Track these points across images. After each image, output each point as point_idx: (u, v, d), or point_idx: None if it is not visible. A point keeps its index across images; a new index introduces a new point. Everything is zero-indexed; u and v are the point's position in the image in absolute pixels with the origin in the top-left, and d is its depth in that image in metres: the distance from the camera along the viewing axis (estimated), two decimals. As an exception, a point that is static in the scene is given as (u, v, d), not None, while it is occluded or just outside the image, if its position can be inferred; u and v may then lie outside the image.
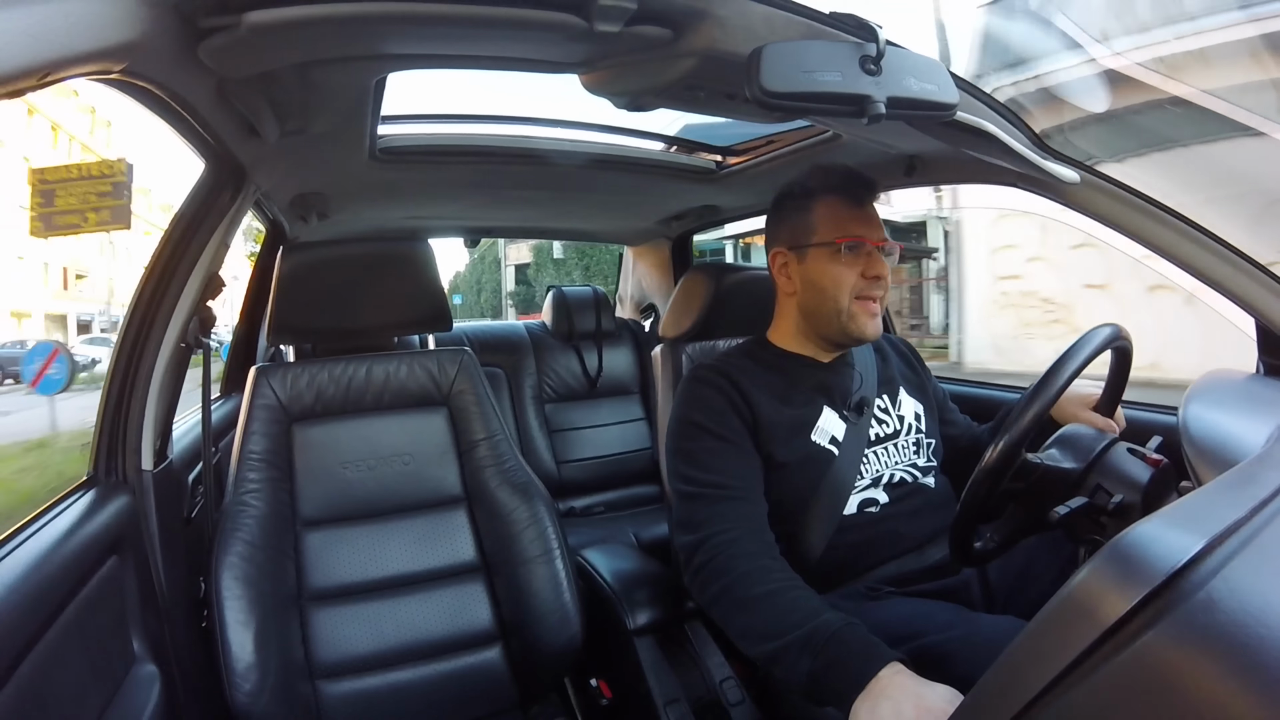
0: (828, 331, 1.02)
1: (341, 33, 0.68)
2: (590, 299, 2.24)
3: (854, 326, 0.99)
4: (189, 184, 0.96)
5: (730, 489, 0.92)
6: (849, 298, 0.98)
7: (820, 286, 0.99)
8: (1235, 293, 0.90)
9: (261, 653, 0.91)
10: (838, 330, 1.00)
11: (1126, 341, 0.82)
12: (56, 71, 0.45)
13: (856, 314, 0.98)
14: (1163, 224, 0.91)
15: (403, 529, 1.12)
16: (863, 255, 0.98)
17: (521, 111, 6.16)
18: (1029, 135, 0.89)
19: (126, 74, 0.59)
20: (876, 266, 0.98)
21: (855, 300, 0.98)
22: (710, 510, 0.91)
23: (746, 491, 0.93)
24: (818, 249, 0.99)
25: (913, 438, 1.05)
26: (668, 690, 0.99)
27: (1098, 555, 0.44)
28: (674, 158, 1.54)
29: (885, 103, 0.65)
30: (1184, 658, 0.36)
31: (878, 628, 0.85)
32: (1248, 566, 0.40)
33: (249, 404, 1.08)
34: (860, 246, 0.97)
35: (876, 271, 0.97)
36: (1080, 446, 0.76)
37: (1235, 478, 0.56)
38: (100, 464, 0.93)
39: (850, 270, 0.98)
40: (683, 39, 0.68)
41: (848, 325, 0.99)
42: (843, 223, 0.98)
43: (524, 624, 1.07)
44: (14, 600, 0.63)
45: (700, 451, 0.96)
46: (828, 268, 0.98)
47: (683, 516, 0.94)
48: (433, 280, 1.22)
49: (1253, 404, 0.86)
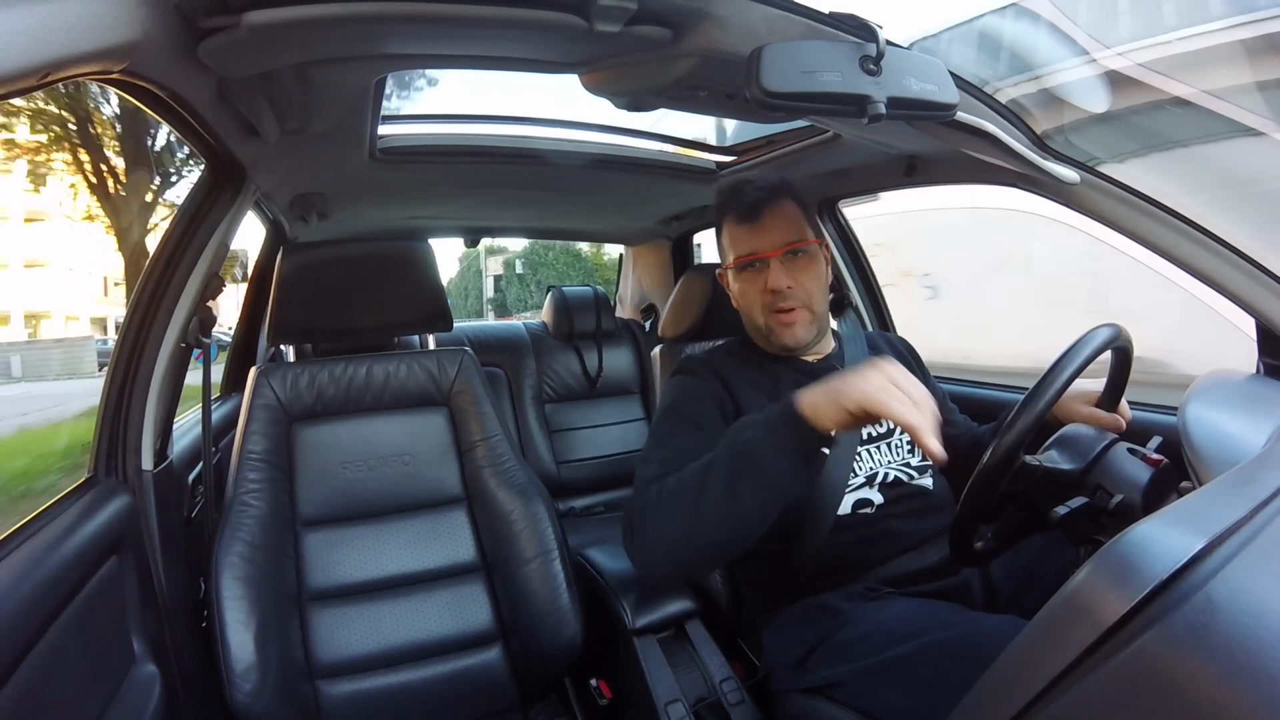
0: (762, 344, 1.05)
1: (341, 33, 0.68)
2: (590, 299, 2.24)
3: (775, 339, 1.01)
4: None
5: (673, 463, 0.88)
6: (762, 314, 1.00)
7: (741, 306, 1.04)
8: (1235, 293, 0.90)
9: (261, 653, 0.91)
10: (765, 342, 1.04)
11: (1126, 341, 0.82)
12: (56, 71, 0.45)
13: (774, 327, 1.00)
14: (1163, 224, 0.91)
15: (403, 529, 1.12)
16: (762, 270, 0.99)
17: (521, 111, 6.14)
18: (1029, 135, 0.89)
19: (126, 74, 0.59)
20: (774, 279, 0.98)
21: (770, 314, 1.00)
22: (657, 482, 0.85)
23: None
24: (733, 270, 1.03)
25: (907, 436, 1.05)
26: (668, 690, 0.99)
27: (1098, 555, 0.44)
28: (674, 158, 1.54)
29: (885, 103, 0.65)
30: (1184, 658, 0.36)
31: (878, 627, 0.86)
32: (1248, 567, 0.40)
33: (249, 404, 1.08)
34: (751, 265, 0.99)
35: (773, 285, 0.98)
36: (1080, 447, 0.76)
37: (1235, 478, 0.56)
38: (100, 464, 0.93)
39: (753, 287, 1.00)
40: (683, 39, 0.68)
41: (770, 338, 1.02)
42: (737, 242, 1.01)
43: (524, 624, 1.07)
44: (14, 600, 0.63)
45: (668, 435, 0.95)
46: (739, 286, 1.03)
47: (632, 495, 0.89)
48: (433, 280, 1.22)
49: (1253, 404, 0.86)
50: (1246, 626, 0.36)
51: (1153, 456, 0.72)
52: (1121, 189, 0.92)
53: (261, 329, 1.81)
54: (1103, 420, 0.86)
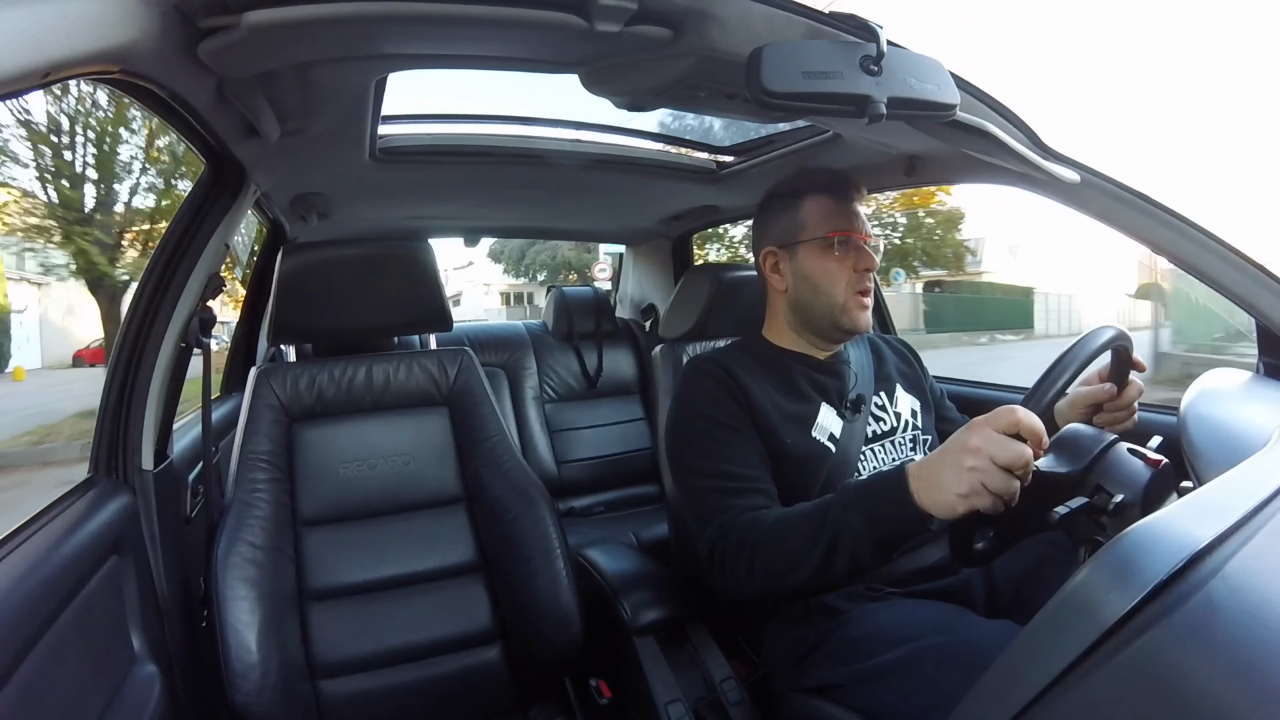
0: (821, 325, 1.03)
1: (341, 33, 0.68)
2: (590, 299, 2.24)
3: (847, 319, 1.00)
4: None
5: (739, 478, 0.92)
6: (844, 291, 1.00)
7: (814, 281, 1.01)
8: (1235, 293, 0.90)
9: (261, 652, 0.91)
10: (830, 323, 1.02)
11: (1127, 341, 0.82)
12: (56, 71, 0.45)
13: (850, 307, 1.00)
14: (1163, 224, 0.91)
15: (403, 529, 1.12)
16: (852, 249, 1.00)
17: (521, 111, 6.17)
18: (1029, 135, 0.89)
19: (126, 74, 0.59)
20: (866, 260, 0.99)
21: (853, 293, 1.00)
22: (724, 502, 0.90)
23: (756, 480, 0.93)
24: (808, 245, 1.01)
25: (909, 434, 1.06)
26: (668, 690, 0.99)
27: (1098, 555, 0.44)
28: (674, 158, 1.54)
29: (885, 103, 0.64)
30: (1184, 657, 0.36)
31: (877, 628, 0.86)
32: (1248, 567, 0.40)
33: (249, 404, 1.08)
34: (850, 241, 0.99)
35: (867, 264, 1.00)
36: (1080, 447, 0.76)
37: (1235, 478, 0.56)
38: (100, 464, 0.93)
39: (842, 264, 1.00)
40: (683, 39, 0.68)
41: (840, 318, 1.01)
42: (832, 218, 1.00)
43: (524, 624, 1.07)
44: (14, 600, 0.63)
45: (706, 441, 0.96)
46: (820, 263, 1.00)
47: (698, 512, 0.93)
48: (433, 280, 1.22)
49: (1253, 404, 0.86)
50: (1247, 626, 0.36)
51: (1153, 456, 0.72)
52: (1122, 189, 0.92)
53: (261, 329, 1.82)
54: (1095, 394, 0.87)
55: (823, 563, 0.78)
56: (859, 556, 0.76)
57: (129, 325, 0.94)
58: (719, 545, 0.88)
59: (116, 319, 7.53)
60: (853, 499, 0.77)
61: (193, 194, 0.99)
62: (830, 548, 0.77)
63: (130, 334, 0.93)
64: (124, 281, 7.69)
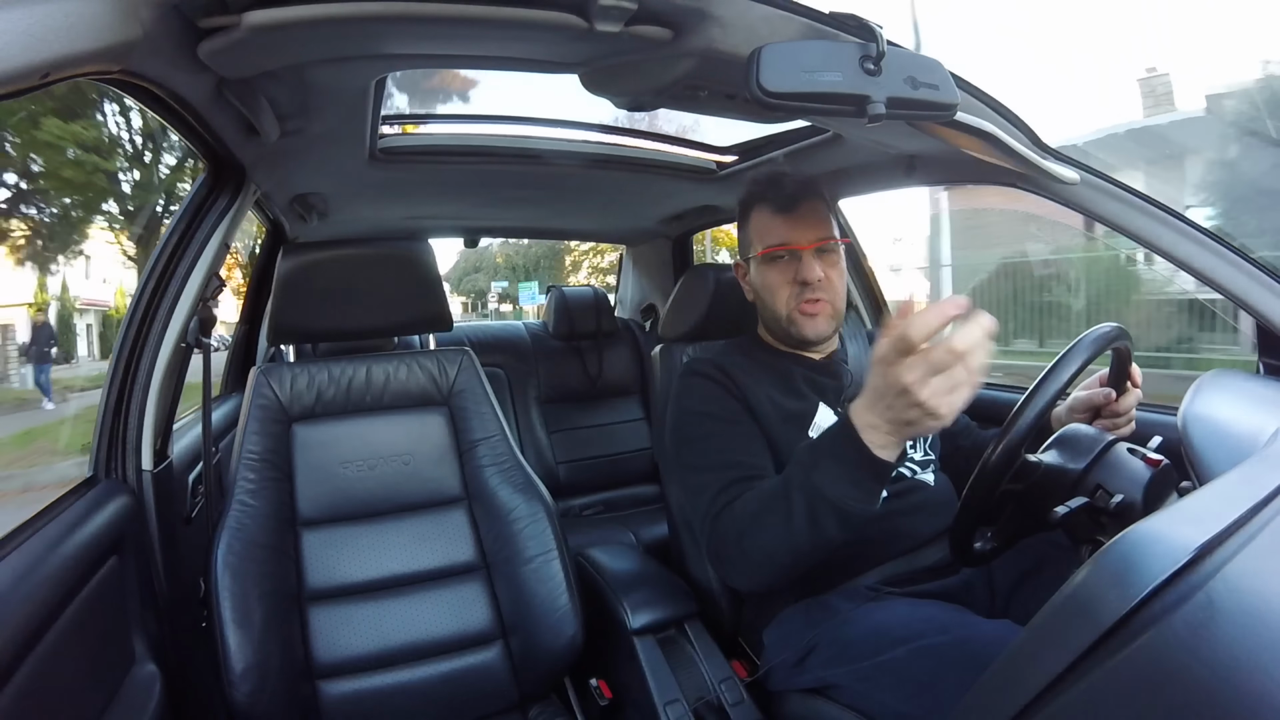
0: (780, 335, 1.05)
1: (341, 33, 0.68)
2: (590, 299, 2.24)
3: (795, 330, 1.01)
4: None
5: (743, 467, 0.92)
6: (786, 305, 1.01)
7: (762, 295, 1.04)
8: (1235, 293, 0.90)
9: (261, 653, 0.91)
10: (784, 334, 1.04)
11: (1127, 341, 0.82)
12: (56, 71, 0.45)
13: (796, 319, 1.01)
14: (1163, 224, 0.91)
15: (403, 529, 1.12)
16: (793, 261, 0.99)
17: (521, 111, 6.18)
18: (1029, 135, 0.89)
19: (126, 74, 0.59)
20: (804, 271, 0.98)
21: (795, 305, 1.00)
22: (722, 496, 0.90)
23: (760, 468, 0.93)
24: (756, 260, 1.03)
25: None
26: (668, 690, 0.99)
27: (1098, 555, 0.44)
28: (674, 158, 1.54)
29: (885, 103, 0.64)
30: (1184, 658, 0.36)
31: (877, 628, 0.86)
32: (1248, 566, 0.40)
33: (249, 404, 1.08)
34: (789, 254, 0.99)
35: (803, 277, 0.98)
36: (1080, 447, 0.76)
37: (1235, 478, 0.56)
38: (100, 464, 0.93)
39: (782, 277, 1.00)
40: (683, 39, 0.68)
41: (790, 329, 1.02)
42: (770, 231, 1.01)
43: (524, 624, 1.07)
44: (14, 600, 0.63)
45: (706, 437, 0.96)
46: (765, 278, 1.02)
47: (699, 509, 0.93)
48: (433, 280, 1.22)
49: (1253, 404, 0.86)
50: (1246, 626, 0.36)
51: (1153, 456, 0.72)
52: (1121, 189, 0.92)
53: (261, 329, 1.82)
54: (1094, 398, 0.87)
55: (810, 527, 0.76)
56: (845, 508, 0.74)
57: (129, 325, 0.94)
58: (714, 539, 0.89)
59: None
60: (809, 456, 0.77)
61: (193, 194, 0.99)
62: (810, 515, 0.76)
63: (130, 334, 0.93)
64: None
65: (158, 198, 8.27)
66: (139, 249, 8.43)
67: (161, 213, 8.30)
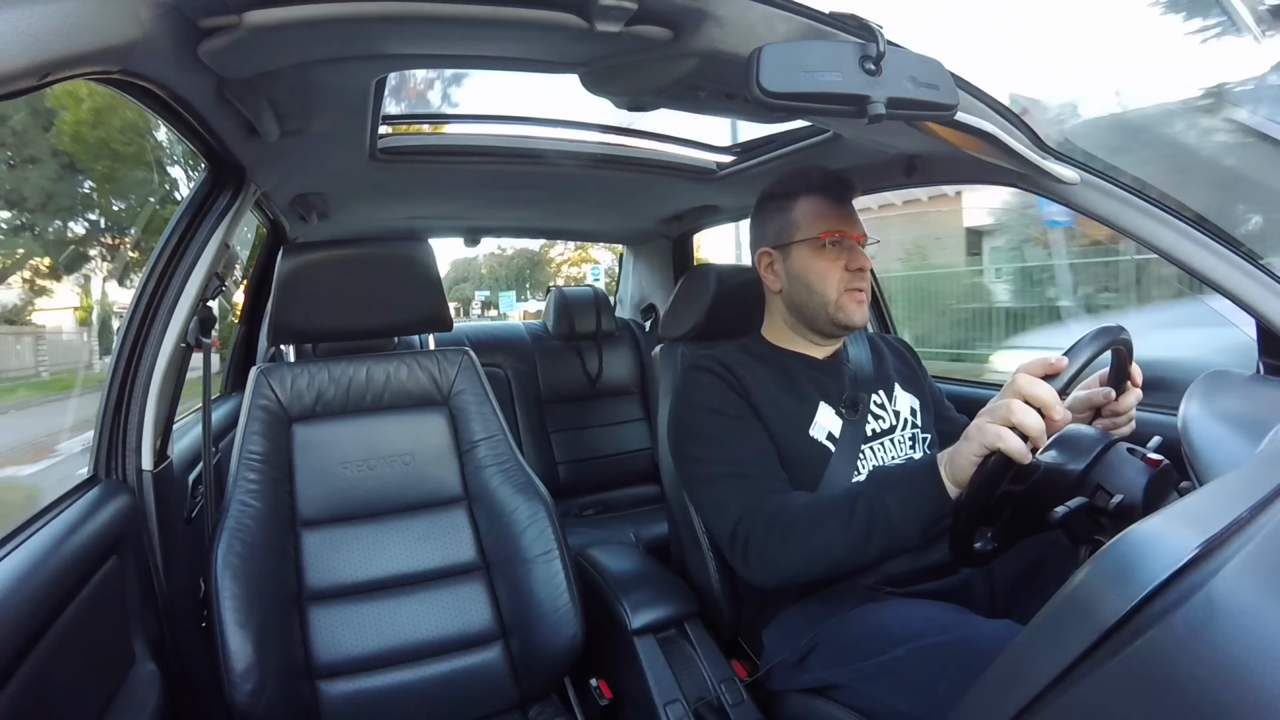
0: (817, 323, 1.05)
1: (341, 33, 0.68)
2: (590, 299, 2.24)
3: (842, 315, 1.02)
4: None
5: (752, 464, 0.93)
6: (836, 290, 1.01)
7: (806, 281, 1.03)
8: (1235, 293, 0.90)
9: (261, 653, 0.91)
10: (826, 320, 1.03)
11: (1127, 340, 0.82)
12: (57, 71, 0.45)
13: (845, 304, 1.02)
14: (1163, 224, 0.91)
15: (403, 529, 1.12)
16: (845, 249, 1.01)
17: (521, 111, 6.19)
18: (1029, 135, 0.89)
19: (126, 74, 0.59)
20: (859, 259, 1.01)
21: (844, 292, 1.01)
22: (743, 487, 0.92)
23: (768, 467, 0.94)
24: (801, 245, 1.03)
25: (909, 433, 1.06)
26: (668, 690, 0.99)
27: (1098, 555, 0.44)
28: (674, 158, 1.54)
29: (885, 103, 0.64)
30: (1184, 658, 0.36)
31: (877, 628, 0.86)
32: (1248, 566, 0.40)
33: (249, 404, 1.08)
34: (842, 241, 1.01)
35: (859, 264, 1.01)
36: (1080, 447, 0.76)
37: (1235, 478, 0.56)
38: (100, 464, 0.93)
39: (834, 264, 1.01)
40: (683, 39, 0.68)
41: (836, 315, 1.02)
42: (824, 219, 1.02)
43: (524, 624, 1.07)
44: (14, 600, 0.63)
45: (713, 432, 0.97)
46: (813, 263, 1.02)
47: (715, 499, 0.94)
48: (433, 280, 1.22)
49: (1253, 404, 0.86)
50: (1246, 626, 0.36)
51: (1153, 456, 0.72)
52: (1121, 189, 0.92)
53: (261, 329, 1.82)
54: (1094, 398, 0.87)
55: (860, 543, 0.81)
56: (894, 537, 0.79)
57: (129, 325, 0.94)
58: (742, 529, 0.89)
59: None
60: (886, 481, 0.81)
61: (193, 194, 0.99)
62: (867, 529, 0.80)
63: (130, 334, 0.93)
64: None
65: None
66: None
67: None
